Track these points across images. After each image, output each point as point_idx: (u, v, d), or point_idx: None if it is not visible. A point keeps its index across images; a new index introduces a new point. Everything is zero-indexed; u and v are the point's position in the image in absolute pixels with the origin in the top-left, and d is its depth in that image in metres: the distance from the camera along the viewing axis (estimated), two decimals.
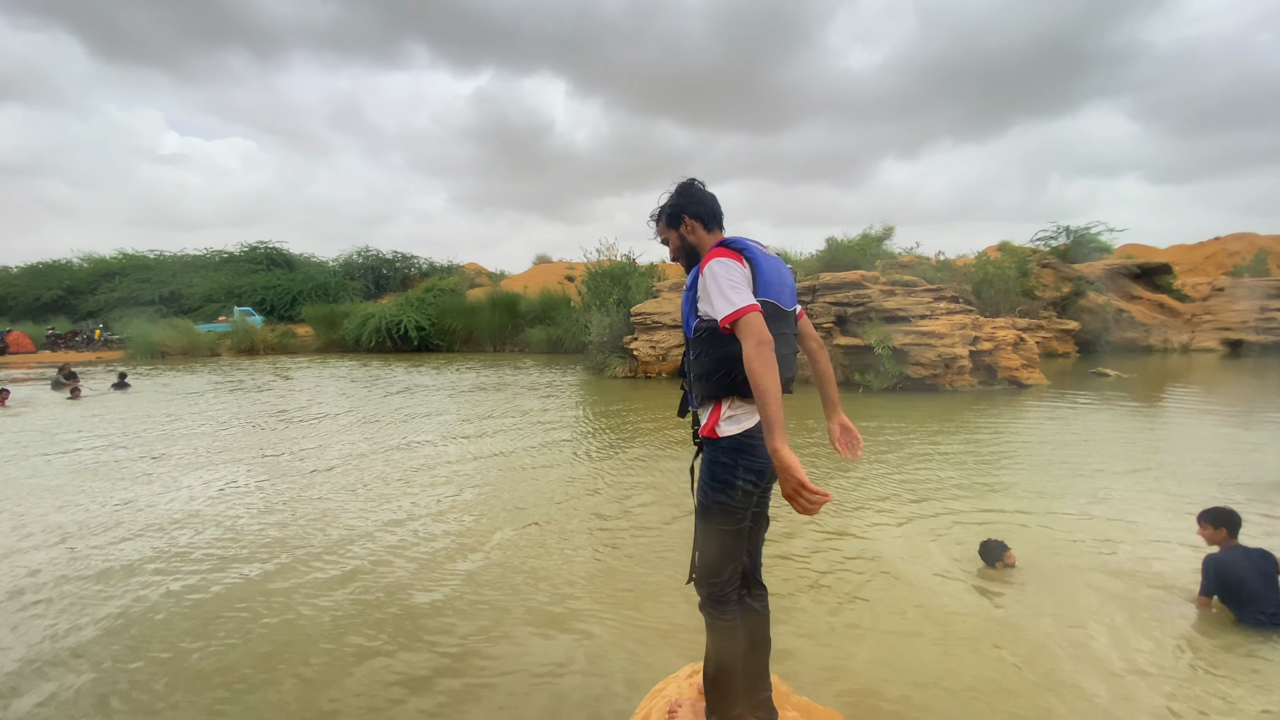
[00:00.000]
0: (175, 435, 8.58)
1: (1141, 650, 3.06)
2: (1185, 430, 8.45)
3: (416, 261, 37.64)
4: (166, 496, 5.78)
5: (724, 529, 1.90)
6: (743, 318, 1.71)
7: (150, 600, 3.73)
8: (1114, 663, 2.97)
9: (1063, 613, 3.45)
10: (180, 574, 4.09)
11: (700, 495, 1.94)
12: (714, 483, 1.88)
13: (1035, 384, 12.49)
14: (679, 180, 2.10)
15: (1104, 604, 3.54)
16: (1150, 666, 2.93)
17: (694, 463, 2.07)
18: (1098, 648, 3.10)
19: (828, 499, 1.58)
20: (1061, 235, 27.21)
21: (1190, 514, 4.69)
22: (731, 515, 1.89)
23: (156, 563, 4.28)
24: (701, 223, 2.03)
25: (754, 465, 1.86)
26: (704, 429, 1.93)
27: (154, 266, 32.06)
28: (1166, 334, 20.76)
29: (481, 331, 25.41)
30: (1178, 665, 2.95)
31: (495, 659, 3.11)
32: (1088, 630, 3.26)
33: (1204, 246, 32.50)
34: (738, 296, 1.74)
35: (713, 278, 1.79)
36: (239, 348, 24.47)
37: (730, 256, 1.83)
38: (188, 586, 3.91)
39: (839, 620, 3.44)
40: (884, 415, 9.52)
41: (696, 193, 2.06)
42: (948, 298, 13.41)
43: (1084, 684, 2.81)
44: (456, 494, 5.83)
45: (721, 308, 1.76)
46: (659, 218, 2.10)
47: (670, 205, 2.06)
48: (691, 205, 2.04)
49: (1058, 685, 2.80)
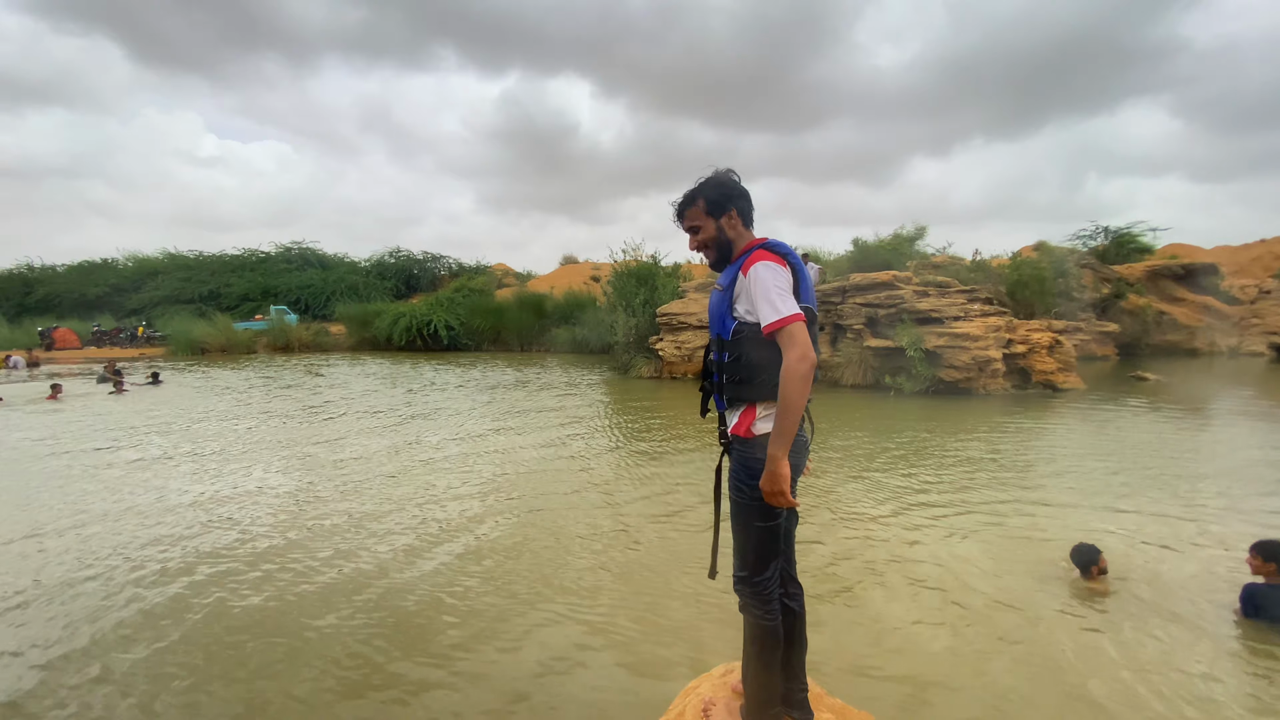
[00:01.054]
0: (207, 432, 8.85)
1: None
2: (1232, 437, 8.16)
3: (446, 262, 38.16)
4: (196, 489, 5.97)
5: (763, 525, 1.89)
6: (788, 326, 1.72)
7: (162, 601, 3.87)
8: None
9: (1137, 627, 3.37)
10: (229, 579, 4.23)
11: (736, 494, 1.92)
12: (752, 480, 1.86)
13: (1071, 388, 12.17)
14: (713, 169, 1.99)
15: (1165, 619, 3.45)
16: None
17: (720, 463, 2.05)
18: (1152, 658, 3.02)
19: (795, 505, 1.81)
20: (1101, 235, 26.47)
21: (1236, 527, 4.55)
22: (770, 511, 1.87)
23: (180, 562, 4.43)
24: (743, 219, 1.97)
25: (790, 460, 1.84)
26: (736, 429, 1.91)
27: (195, 266, 32.98)
28: (1213, 337, 20.06)
29: (509, 331, 25.66)
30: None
31: (521, 656, 3.15)
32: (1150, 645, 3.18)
33: (1250, 248, 31.27)
34: (784, 304, 1.73)
35: (760, 282, 1.77)
36: (275, 345, 25.07)
37: (776, 261, 1.81)
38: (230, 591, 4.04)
39: (876, 622, 3.41)
40: (917, 419, 9.38)
41: (740, 187, 1.98)
42: (982, 299, 13.14)
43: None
44: (486, 489, 5.91)
45: (767, 313, 1.74)
46: (692, 200, 1.97)
47: (715, 191, 1.95)
48: (738, 198, 1.96)
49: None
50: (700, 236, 1.97)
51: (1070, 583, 3.81)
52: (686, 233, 2.01)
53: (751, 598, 1.94)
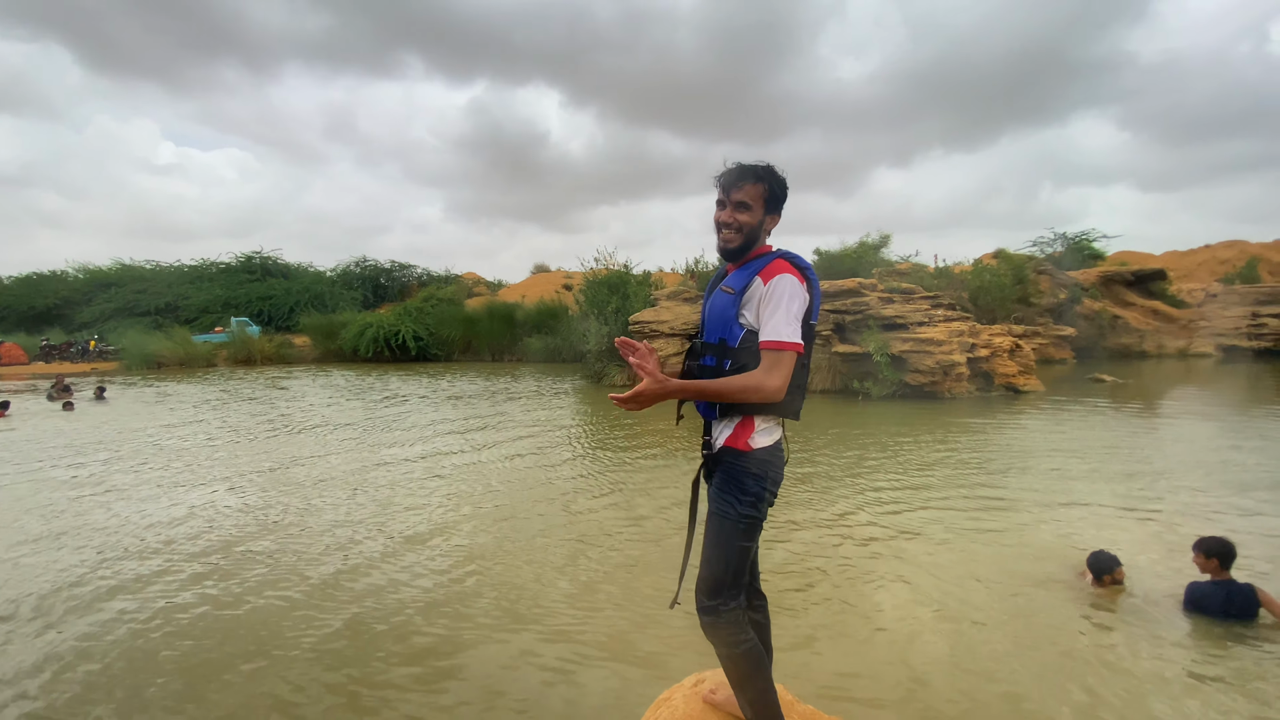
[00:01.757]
0: (160, 449, 8.54)
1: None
2: (1187, 434, 8.49)
3: (414, 271, 37.69)
4: (149, 509, 5.75)
5: (745, 545, 1.80)
6: (784, 352, 1.67)
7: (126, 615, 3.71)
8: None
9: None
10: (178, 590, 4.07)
11: (721, 511, 1.81)
12: (744, 496, 1.77)
13: (1032, 390, 12.52)
14: (770, 164, 1.84)
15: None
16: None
17: (698, 477, 1.95)
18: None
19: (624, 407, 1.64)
20: (1057, 242, 27.40)
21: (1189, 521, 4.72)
22: (755, 529, 1.80)
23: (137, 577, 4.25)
24: (776, 224, 1.87)
25: (778, 475, 1.83)
26: (731, 440, 1.80)
27: (150, 277, 31.95)
28: (1161, 340, 20.87)
29: (480, 341, 25.40)
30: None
31: (490, 671, 3.09)
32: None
33: (1196, 253, 32.77)
34: (790, 330, 1.67)
35: (778, 296, 1.69)
36: (236, 358, 24.37)
37: (799, 278, 1.73)
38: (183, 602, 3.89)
39: (845, 628, 3.44)
40: (885, 422, 9.54)
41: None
42: (945, 305, 13.46)
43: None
44: (450, 504, 5.82)
45: (770, 330, 1.68)
46: (759, 179, 1.79)
47: (781, 187, 1.82)
48: (784, 203, 1.85)
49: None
50: (743, 217, 1.78)
51: (1079, 587, 3.80)
52: (728, 203, 1.80)
53: (726, 625, 1.82)
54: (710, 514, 1.85)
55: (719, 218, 1.83)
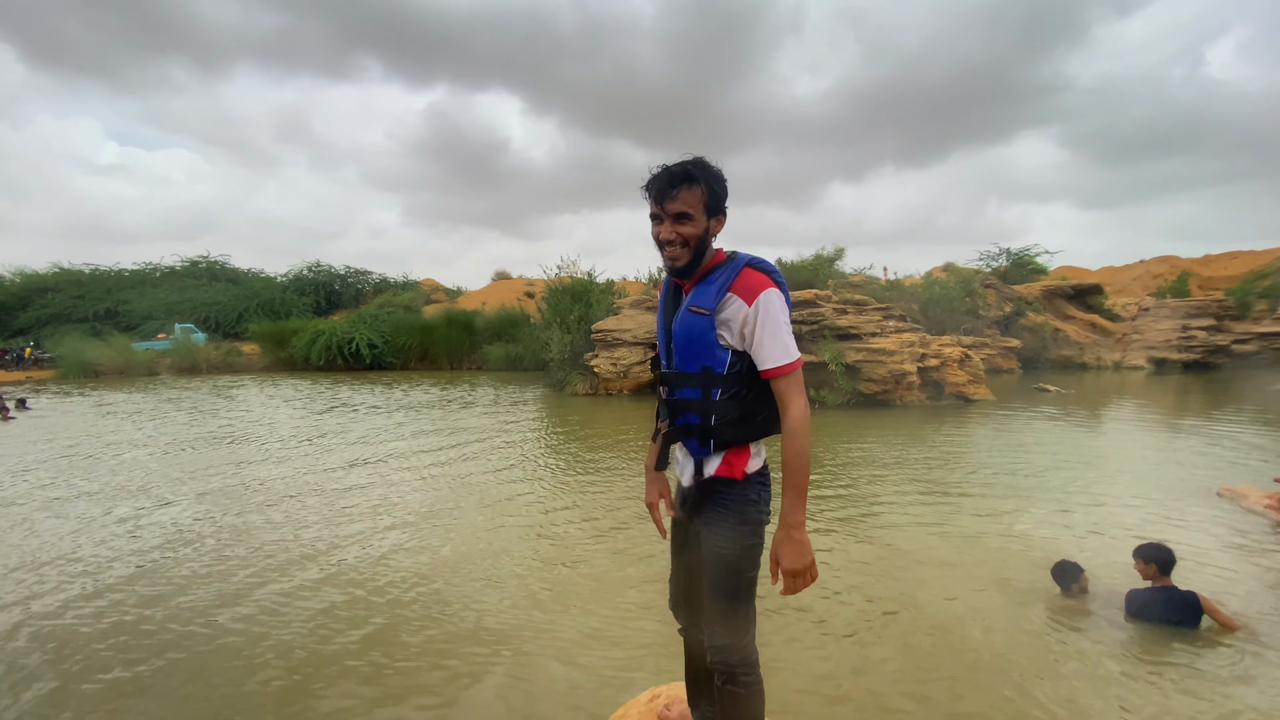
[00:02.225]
0: (91, 461, 8.13)
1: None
2: (1130, 440, 8.92)
3: (370, 277, 36.84)
4: (86, 527, 5.46)
5: (753, 575, 1.66)
6: (795, 372, 1.56)
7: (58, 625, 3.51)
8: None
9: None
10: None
11: (725, 547, 1.64)
12: (744, 526, 1.64)
13: (981, 399, 12.98)
14: (700, 157, 1.62)
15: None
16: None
17: (688, 511, 1.73)
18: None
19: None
20: (1002, 257, 28.53)
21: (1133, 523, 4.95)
22: (759, 558, 1.67)
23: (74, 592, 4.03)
24: (721, 227, 1.68)
25: (768, 497, 1.72)
26: (724, 470, 1.66)
27: (88, 282, 30.44)
28: (1099, 352, 21.88)
29: (438, 349, 24.94)
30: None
31: (439, 690, 3.03)
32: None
33: (1131, 269, 34.56)
34: (793, 345, 1.56)
35: (777, 316, 1.56)
36: (180, 366, 23.38)
37: (779, 291, 1.60)
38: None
39: (795, 633, 3.49)
40: (840, 430, 9.74)
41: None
42: (896, 316, 13.87)
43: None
44: (400, 515, 5.69)
45: (777, 355, 1.55)
46: (694, 181, 1.57)
47: (721, 186, 1.61)
48: (725, 204, 1.65)
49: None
50: (686, 229, 1.58)
51: (1049, 598, 3.81)
52: (665, 216, 1.58)
53: (740, 665, 1.66)
54: (708, 554, 1.67)
55: (659, 234, 1.60)
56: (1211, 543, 4.71)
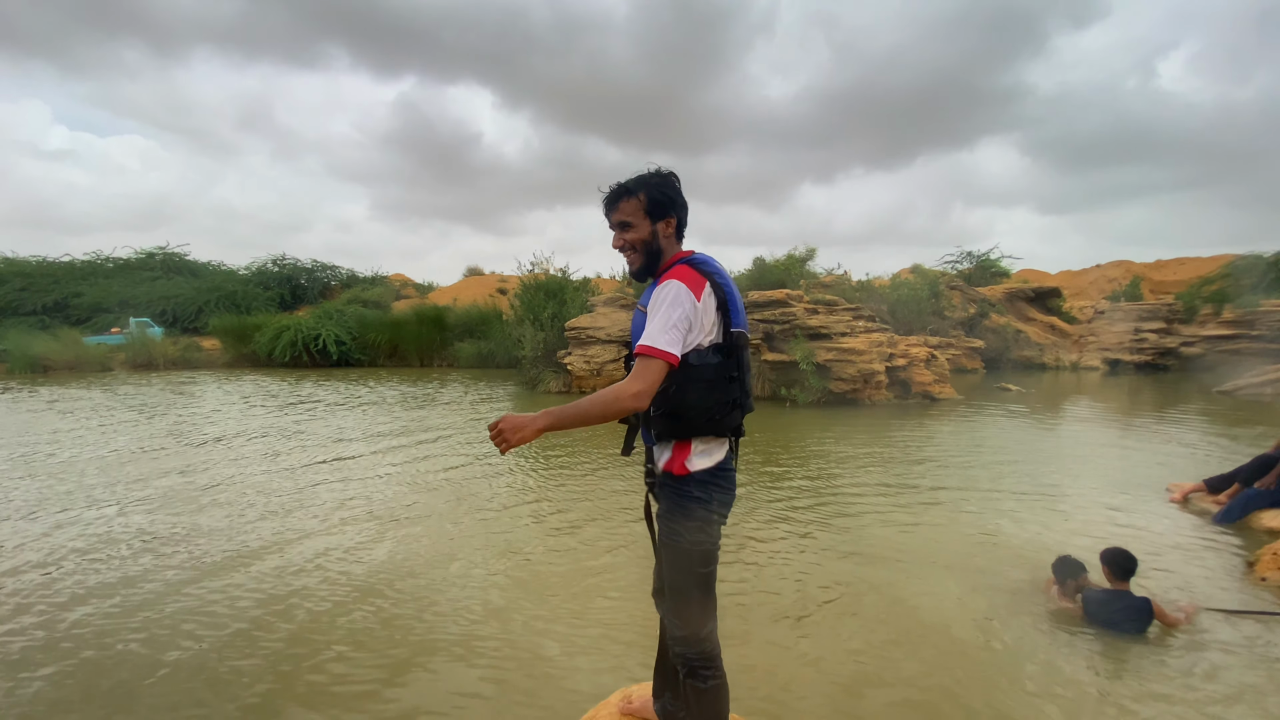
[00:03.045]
0: (29, 460, 7.81)
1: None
2: (1084, 437, 9.24)
3: (337, 271, 36.03)
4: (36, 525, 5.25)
5: (704, 572, 1.72)
6: (655, 359, 1.54)
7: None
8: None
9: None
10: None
11: (670, 537, 1.71)
12: (690, 523, 1.68)
13: (947, 398, 13.30)
14: (653, 167, 1.76)
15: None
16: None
17: (647, 501, 1.86)
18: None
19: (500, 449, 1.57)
20: (966, 260, 29.25)
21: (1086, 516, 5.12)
22: (711, 555, 1.72)
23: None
24: (678, 231, 1.76)
25: (725, 497, 1.75)
26: (669, 465, 1.71)
27: (34, 273, 29.15)
28: (1058, 353, 22.60)
29: (407, 345, 24.52)
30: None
31: (411, 693, 2.99)
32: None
33: (1087, 273, 35.73)
34: (665, 339, 1.55)
35: (660, 304, 1.59)
36: (135, 362, 22.55)
37: (694, 284, 1.61)
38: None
39: (773, 635, 3.53)
40: (810, 428, 9.88)
41: (682, 196, 1.77)
42: (865, 316, 14.11)
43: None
44: (359, 517, 5.59)
45: (650, 334, 1.56)
46: (632, 193, 1.71)
47: (660, 191, 1.71)
48: (681, 207, 1.75)
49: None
50: (630, 236, 1.71)
51: (1042, 590, 3.82)
52: (613, 228, 1.75)
53: (698, 659, 1.73)
54: (661, 545, 1.76)
55: (613, 245, 1.75)
56: (1160, 536, 4.92)
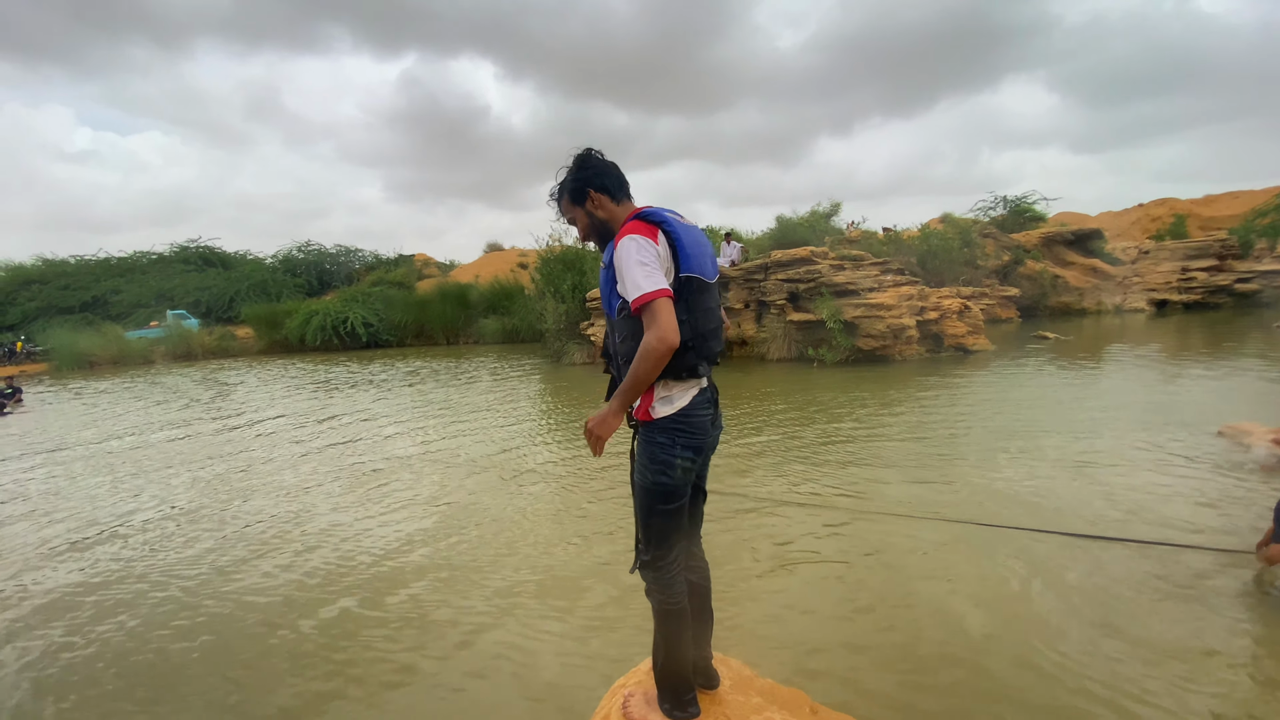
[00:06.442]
0: (94, 450, 8.08)
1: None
2: (1131, 381, 8.83)
3: (361, 254, 36.42)
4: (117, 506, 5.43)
5: (666, 508, 1.85)
6: (651, 303, 1.63)
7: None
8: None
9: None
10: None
11: (639, 478, 1.87)
12: (653, 464, 1.81)
13: (981, 350, 12.88)
14: (574, 152, 1.93)
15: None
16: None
17: (632, 445, 1.98)
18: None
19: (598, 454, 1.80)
20: (999, 205, 28.07)
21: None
22: (673, 494, 1.83)
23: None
24: (609, 195, 1.88)
25: (691, 443, 1.82)
26: (637, 411, 1.84)
27: (74, 272, 30.12)
28: (1100, 297, 21.70)
29: (433, 324, 24.76)
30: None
31: (446, 661, 3.00)
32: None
33: (1129, 213, 34.05)
34: (647, 280, 1.64)
35: (623, 259, 1.68)
36: (174, 354, 23.28)
37: (645, 232, 1.72)
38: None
39: (807, 603, 3.45)
40: (839, 388, 9.67)
41: (598, 163, 1.90)
42: (894, 270, 13.67)
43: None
44: (410, 492, 5.65)
45: (630, 289, 1.66)
46: (559, 195, 1.94)
47: (572, 180, 1.89)
48: (596, 177, 1.88)
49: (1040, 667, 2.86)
50: (579, 227, 1.94)
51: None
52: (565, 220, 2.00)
53: (654, 582, 1.90)
54: (632, 480, 1.91)
55: (579, 238, 2.00)
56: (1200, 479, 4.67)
